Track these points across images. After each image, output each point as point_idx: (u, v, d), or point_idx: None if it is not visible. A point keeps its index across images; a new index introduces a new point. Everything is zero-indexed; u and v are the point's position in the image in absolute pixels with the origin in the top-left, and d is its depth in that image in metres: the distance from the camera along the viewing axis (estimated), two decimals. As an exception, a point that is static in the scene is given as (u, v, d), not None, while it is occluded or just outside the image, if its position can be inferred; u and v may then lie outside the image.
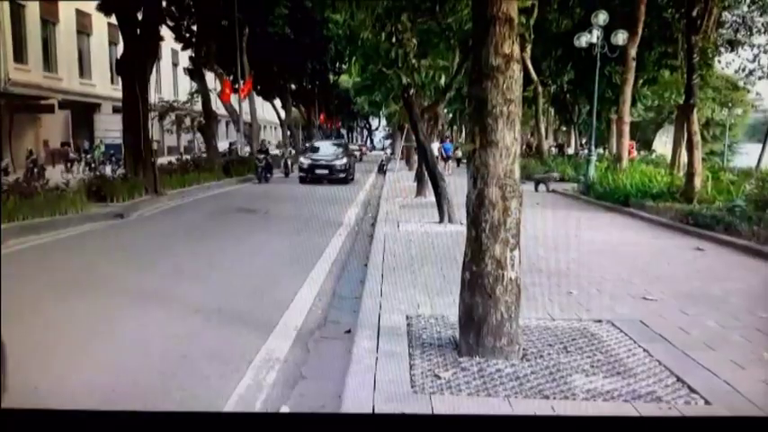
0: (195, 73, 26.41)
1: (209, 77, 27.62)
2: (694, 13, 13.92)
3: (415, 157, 20.30)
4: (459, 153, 28.02)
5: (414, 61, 10.84)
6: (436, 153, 22.44)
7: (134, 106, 16.64)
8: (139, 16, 17.10)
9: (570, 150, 32.21)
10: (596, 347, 4.76)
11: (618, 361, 4.48)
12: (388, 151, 37.29)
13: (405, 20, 10.30)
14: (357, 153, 41.25)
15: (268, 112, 43.95)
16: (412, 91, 11.44)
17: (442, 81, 13.38)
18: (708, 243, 9.65)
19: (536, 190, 18.47)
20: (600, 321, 5.43)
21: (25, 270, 8.11)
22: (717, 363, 4.43)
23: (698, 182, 13.14)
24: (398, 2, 10.07)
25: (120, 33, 17.79)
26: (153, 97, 19.72)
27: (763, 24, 21.86)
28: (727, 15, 20.85)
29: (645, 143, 40.60)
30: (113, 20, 19.02)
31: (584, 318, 5.55)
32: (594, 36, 18.94)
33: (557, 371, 4.28)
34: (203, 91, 25.19)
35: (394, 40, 10.41)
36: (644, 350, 4.70)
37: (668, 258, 8.55)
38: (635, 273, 7.38)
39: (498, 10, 4.32)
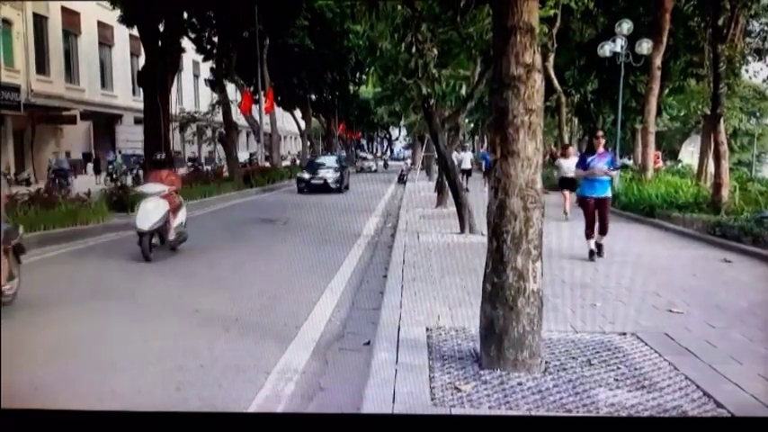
0: (216, 84, 26.67)
1: (230, 88, 27.85)
2: (720, 22, 13.73)
3: (436, 167, 20.24)
4: None
5: (434, 71, 10.79)
6: (468, 165, 22.14)
7: (155, 117, 16.83)
8: (161, 28, 17.31)
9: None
10: (620, 360, 4.65)
11: (642, 374, 4.38)
12: (408, 161, 37.26)
13: (425, 30, 10.27)
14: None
15: (288, 122, 44.27)
16: (432, 101, 11.39)
17: (463, 91, 13.32)
18: (735, 255, 9.46)
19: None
20: (624, 334, 5.32)
21: (47, 278, 8.18)
22: (744, 376, 4.31)
23: (725, 192, 12.92)
24: (418, 12, 10.05)
25: (141, 45, 18.03)
26: (174, 108, 19.92)
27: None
28: (754, 24, 20.52)
29: (671, 153, 40.21)
30: (135, 32, 19.29)
31: (608, 330, 5.44)
32: (618, 45, 18.76)
33: (579, 384, 4.18)
34: (224, 102, 25.42)
35: (414, 50, 10.38)
36: (669, 363, 4.59)
37: (694, 270, 8.39)
38: (660, 285, 7.24)
39: (519, 20, 4.28)
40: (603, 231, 8.99)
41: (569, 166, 12.68)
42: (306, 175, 24.06)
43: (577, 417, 3.69)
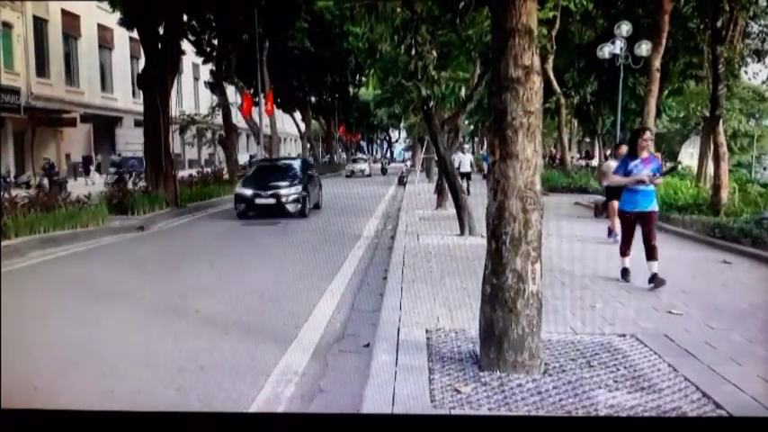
0: (216, 87, 26.69)
1: (230, 91, 27.85)
2: (719, 24, 13.75)
3: (435, 169, 20.20)
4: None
5: (433, 73, 10.80)
6: (468, 167, 21.98)
7: (155, 120, 16.81)
8: (161, 31, 17.31)
9: (594, 162, 31.90)
10: (620, 362, 4.65)
11: (642, 376, 4.38)
12: (408, 163, 37.18)
13: (424, 32, 10.29)
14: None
15: (288, 124, 44.30)
16: (432, 103, 11.40)
17: (462, 93, 13.32)
18: (735, 256, 9.45)
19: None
20: (624, 335, 5.31)
21: (46, 281, 8.19)
22: (743, 378, 4.31)
23: (724, 194, 12.92)
24: (418, 14, 10.07)
25: (141, 47, 18.03)
26: (174, 111, 19.92)
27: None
28: (753, 25, 20.54)
29: (670, 155, 40.16)
30: (135, 34, 19.30)
31: (608, 332, 5.44)
32: (618, 47, 18.79)
33: (579, 386, 4.18)
34: (224, 104, 25.43)
35: (413, 52, 10.40)
36: (669, 365, 4.59)
37: (694, 272, 8.39)
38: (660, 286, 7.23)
39: (518, 22, 4.29)
40: (652, 255, 7.32)
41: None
42: (247, 192, 15.18)
43: (576, 417, 3.69)
